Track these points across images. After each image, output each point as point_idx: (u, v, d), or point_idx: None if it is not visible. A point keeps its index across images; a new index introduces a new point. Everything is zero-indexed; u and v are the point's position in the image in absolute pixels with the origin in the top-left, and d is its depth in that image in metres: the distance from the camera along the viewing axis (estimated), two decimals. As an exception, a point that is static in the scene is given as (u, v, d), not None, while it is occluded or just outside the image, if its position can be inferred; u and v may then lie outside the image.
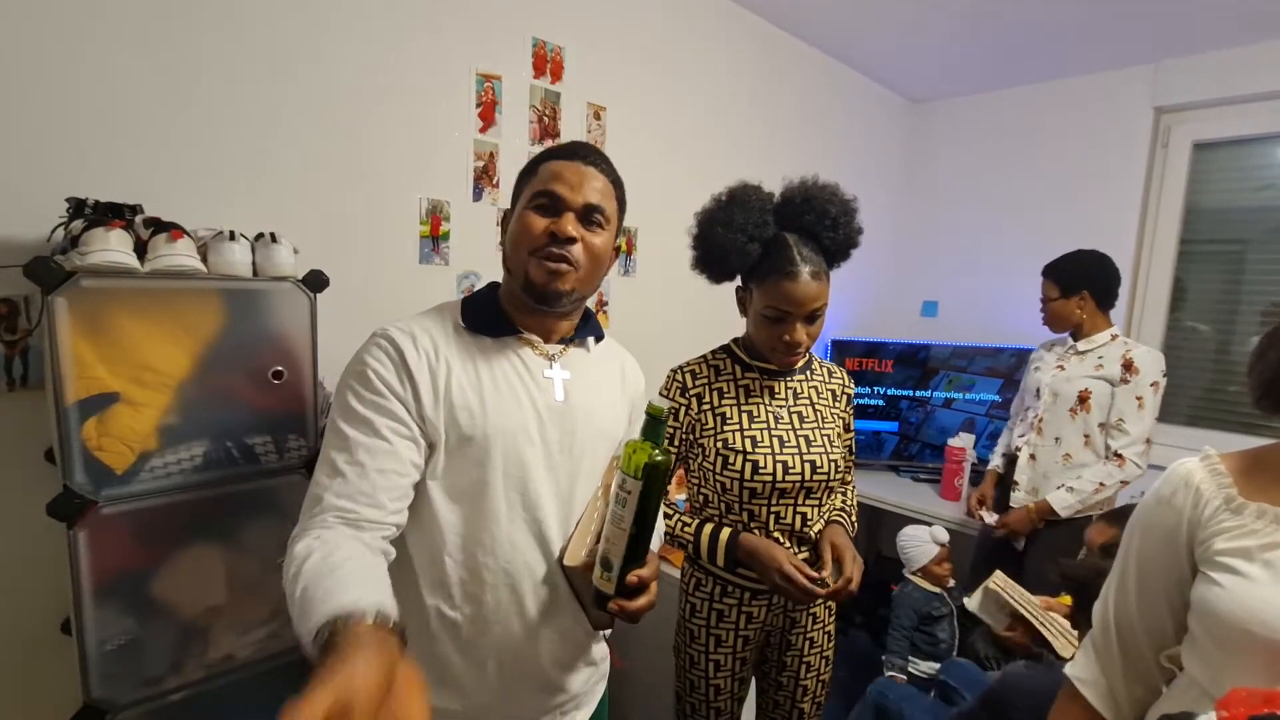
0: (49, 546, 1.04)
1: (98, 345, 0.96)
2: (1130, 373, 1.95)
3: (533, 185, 0.89)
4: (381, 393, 0.81)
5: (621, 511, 0.79)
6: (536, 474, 0.87)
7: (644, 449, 0.79)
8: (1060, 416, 2.05)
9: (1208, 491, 0.75)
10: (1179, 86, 2.53)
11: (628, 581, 0.80)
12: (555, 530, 0.89)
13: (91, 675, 0.99)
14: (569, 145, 0.91)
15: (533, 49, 1.79)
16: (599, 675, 1.03)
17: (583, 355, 0.97)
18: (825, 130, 2.82)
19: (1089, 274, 2.04)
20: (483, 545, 0.85)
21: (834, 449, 1.24)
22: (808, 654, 1.30)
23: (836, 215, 1.16)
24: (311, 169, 1.43)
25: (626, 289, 2.13)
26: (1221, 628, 0.70)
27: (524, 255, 0.87)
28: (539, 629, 0.89)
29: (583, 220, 0.87)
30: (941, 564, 2.03)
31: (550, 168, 0.88)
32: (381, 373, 0.81)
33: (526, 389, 0.89)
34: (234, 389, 1.09)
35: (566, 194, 0.86)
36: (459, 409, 0.84)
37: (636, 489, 0.77)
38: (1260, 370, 0.76)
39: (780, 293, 1.13)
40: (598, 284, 0.94)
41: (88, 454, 0.96)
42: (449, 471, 0.85)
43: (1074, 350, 2.08)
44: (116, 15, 1.17)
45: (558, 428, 0.90)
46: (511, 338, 0.91)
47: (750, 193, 1.19)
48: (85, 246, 0.96)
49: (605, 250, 0.91)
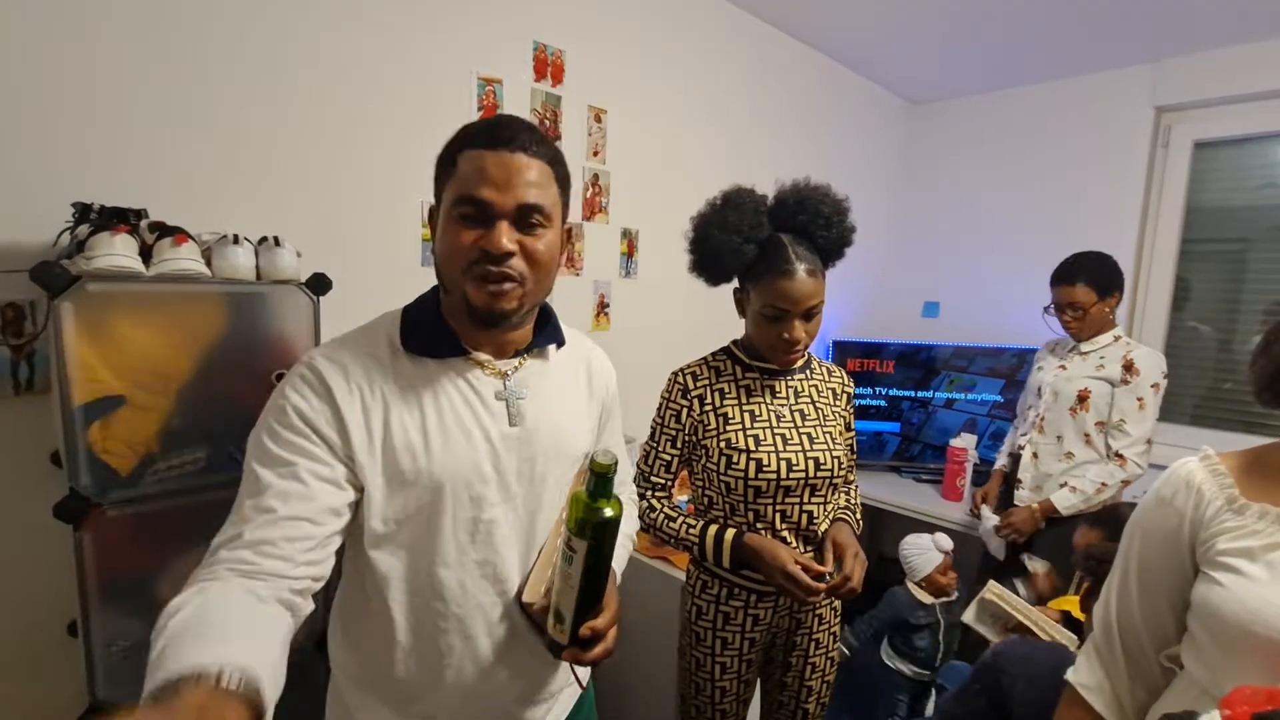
0: (55, 548, 1.04)
1: (103, 349, 0.96)
2: (1131, 373, 1.94)
3: (454, 186, 0.74)
4: (302, 431, 0.71)
5: (569, 569, 0.73)
6: (491, 511, 0.80)
7: (587, 504, 0.71)
8: (1061, 415, 2.05)
9: (1209, 492, 0.75)
10: (1179, 86, 2.53)
11: (580, 634, 0.75)
12: (514, 565, 0.83)
13: (97, 676, 0.99)
14: (489, 127, 0.75)
15: (533, 52, 1.79)
16: (571, 697, 0.97)
17: (541, 366, 0.87)
18: (826, 132, 2.82)
19: (1117, 273, 2.01)
20: (430, 589, 0.79)
21: (836, 445, 1.25)
22: (813, 654, 1.30)
23: (829, 215, 1.18)
24: (314, 173, 1.44)
25: (628, 291, 2.13)
26: (1223, 627, 0.70)
27: (458, 274, 0.75)
28: (495, 668, 0.83)
29: (518, 224, 0.74)
30: (946, 573, 1.97)
31: (473, 163, 0.73)
32: (304, 409, 0.72)
33: (477, 418, 0.79)
34: (237, 392, 1.10)
35: (495, 198, 0.72)
36: (400, 451, 0.74)
37: (583, 548, 0.71)
38: (1263, 365, 0.76)
39: (777, 291, 1.14)
40: (550, 286, 0.82)
41: (93, 457, 0.97)
42: (387, 516, 0.76)
43: (1077, 351, 2.08)
44: (120, 22, 1.18)
45: (514, 455, 0.81)
46: (457, 359, 0.80)
47: (744, 195, 1.20)
48: (91, 251, 0.97)
49: (551, 250, 0.78)
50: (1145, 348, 1.99)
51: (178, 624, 0.56)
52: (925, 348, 2.88)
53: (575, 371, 0.93)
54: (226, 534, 0.68)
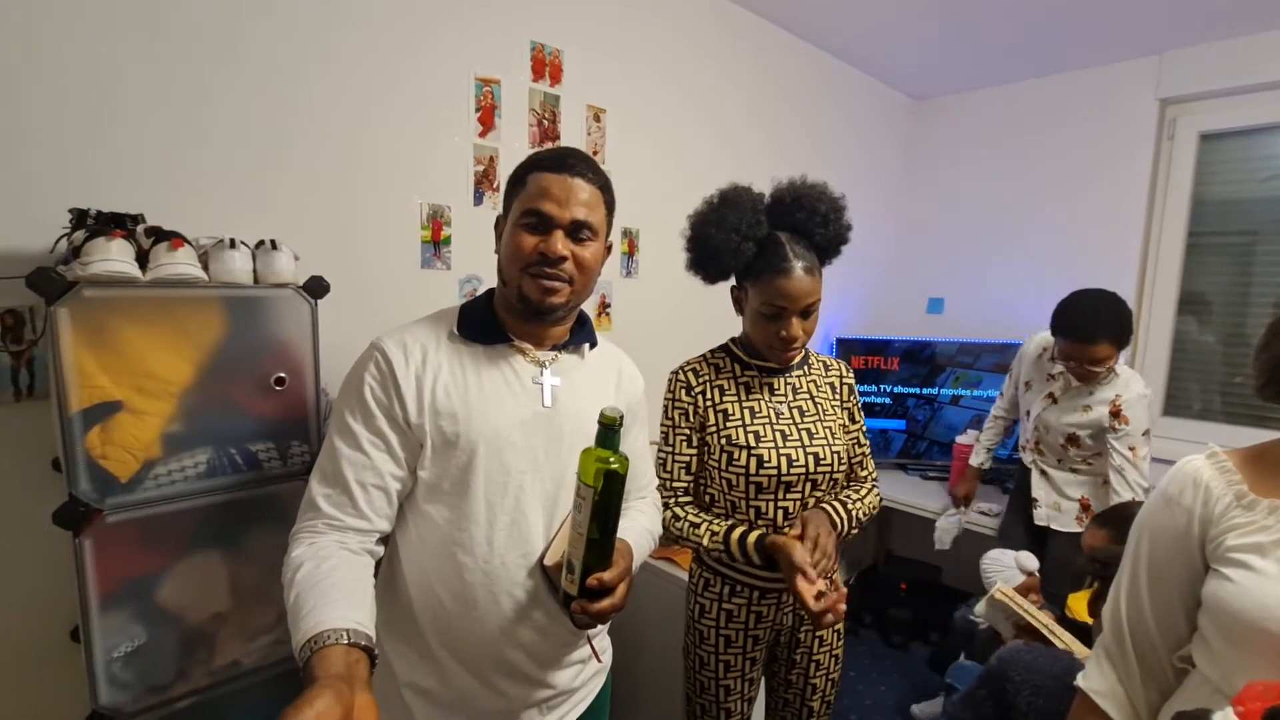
0: (56, 555, 1.04)
1: (100, 354, 0.96)
2: (1120, 422, 1.86)
3: (521, 200, 0.90)
4: (370, 410, 0.87)
5: (579, 516, 0.81)
6: (520, 478, 0.91)
7: (597, 456, 0.80)
8: (1055, 447, 2.04)
9: (1217, 489, 0.74)
10: (1184, 77, 2.51)
11: (588, 584, 0.81)
12: (538, 529, 0.92)
13: (100, 682, 0.99)
14: (556, 155, 0.92)
15: (531, 52, 1.79)
16: (592, 671, 1.04)
17: (575, 362, 0.99)
18: (827, 129, 2.81)
19: (1130, 318, 1.85)
20: (462, 545, 0.89)
21: (836, 441, 1.24)
22: (817, 652, 1.29)
23: (826, 212, 1.18)
24: (311, 175, 1.43)
25: (628, 290, 2.12)
26: (1234, 623, 0.69)
27: (517, 272, 0.90)
28: (516, 627, 0.91)
29: (571, 235, 0.90)
30: (1027, 594, 1.73)
31: (538, 183, 0.89)
32: (373, 387, 0.87)
33: (514, 394, 0.92)
34: (236, 396, 1.10)
35: (554, 211, 0.88)
36: (443, 414, 0.88)
37: (590, 495, 0.79)
38: (1264, 360, 0.75)
39: (775, 289, 1.14)
40: (591, 289, 0.97)
41: (92, 463, 0.97)
42: (434, 472, 0.89)
43: (1067, 381, 1.97)
44: (117, 27, 1.18)
45: (543, 433, 0.92)
46: (503, 345, 0.94)
47: (741, 193, 1.20)
48: (87, 256, 0.96)
49: (596, 259, 0.94)
50: (1133, 390, 1.88)
51: (304, 578, 0.76)
52: (930, 344, 2.87)
53: (606, 373, 1.04)
54: (315, 491, 0.85)
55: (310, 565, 0.78)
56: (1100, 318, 1.82)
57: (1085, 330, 1.82)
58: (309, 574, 0.77)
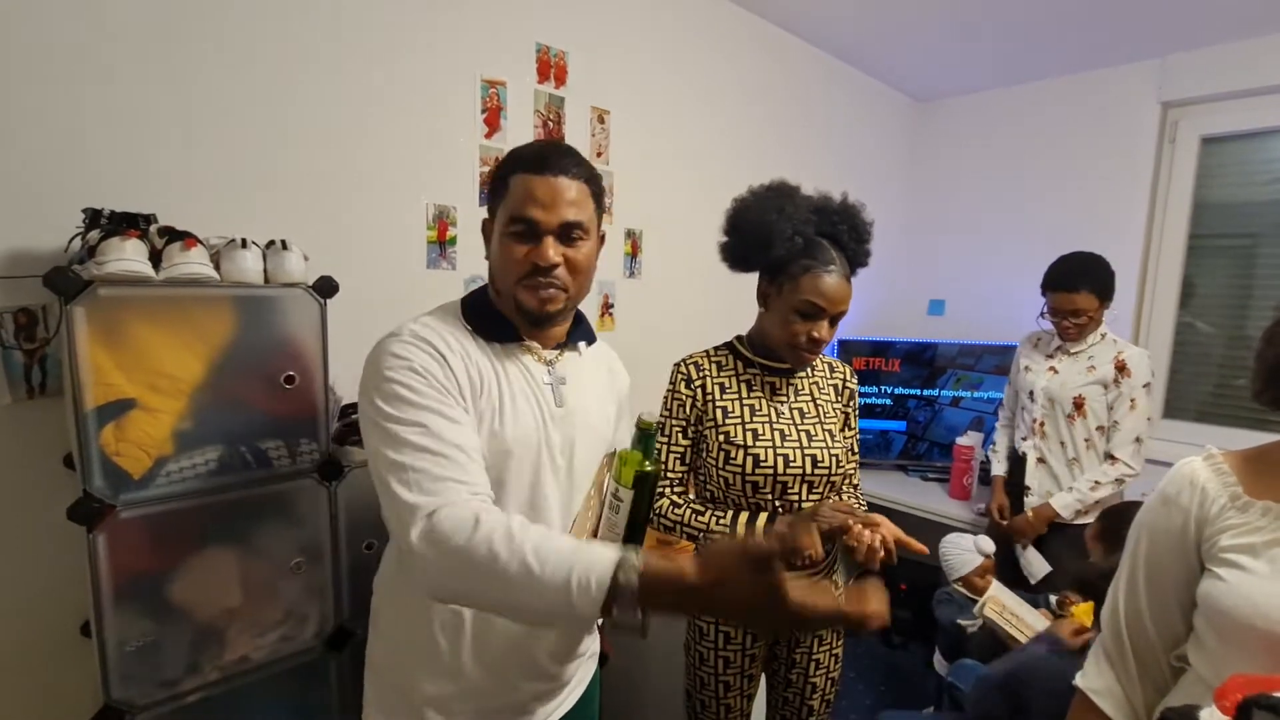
0: (69, 550, 1.06)
1: (114, 353, 0.98)
2: (1124, 374, 1.95)
3: (506, 206, 0.86)
4: (437, 379, 0.80)
5: (615, 518, 0.83)
6: (544, 478, 0.90)
7: (636, 460, 0.82)
8: (1060, 422, 2.05)
9: (1213, 490, 0.75)
10: (1186, 81, 2.52)
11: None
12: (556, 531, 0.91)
13: (111, 677, 1.00)
14: (536, 153, 0.87)
15: (536, 54, 1.80)
16: (589, 658, 1.08)
17: (575, 359, 0.98)
18: (831, 131, 2.82)
19: (1113, 275, 2.00)
20: None
21: (835, 443, 1.25)
22: (817, 651, 1.31)
23: (862, 233, 1.22)
24: (320, 177, 1.45)
25: (631, 291, 2.14)
26: (1225, 622, 0.70)
27: (511, 284, 0.87)
28: (542, 628, 0.92)
29: (562, 238, 0.86)
30: (984, 575, 1.89)
31: (522, 186, 0.85)
32: (428, 364, 0.81)
33: (535, 395, 0.91)
34: (247, 394, 1.11)
35: (542, 217, 0.84)
36: (485, 411, 0.85)
37: (629, 498, 0.81)
38: (1261, 365, 0.76)
39: (819, 288, 1.15)
40: (589, 287, 0.95)
41: (106, 459, 0.98)
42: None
43: (1064, 350, 2.07)
44: (129, 30, 1.19)
45: (559, 433, 0.91)
46: (515, 344, 0.92)
47: (795, 190, 1.21)
48: (102, 256, 0.98)
49: (590, 258, 0.91)
50: (1135, 348, 2.00)
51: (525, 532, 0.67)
52: (931, 346, 2.88)
53: (599, 369, 1.04)
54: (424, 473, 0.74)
55: (518, 522, 0.69)
56: (1080, 267, 1.98)
57: (1065, 279, 1.98)
58: (523, 527, 0.68)
